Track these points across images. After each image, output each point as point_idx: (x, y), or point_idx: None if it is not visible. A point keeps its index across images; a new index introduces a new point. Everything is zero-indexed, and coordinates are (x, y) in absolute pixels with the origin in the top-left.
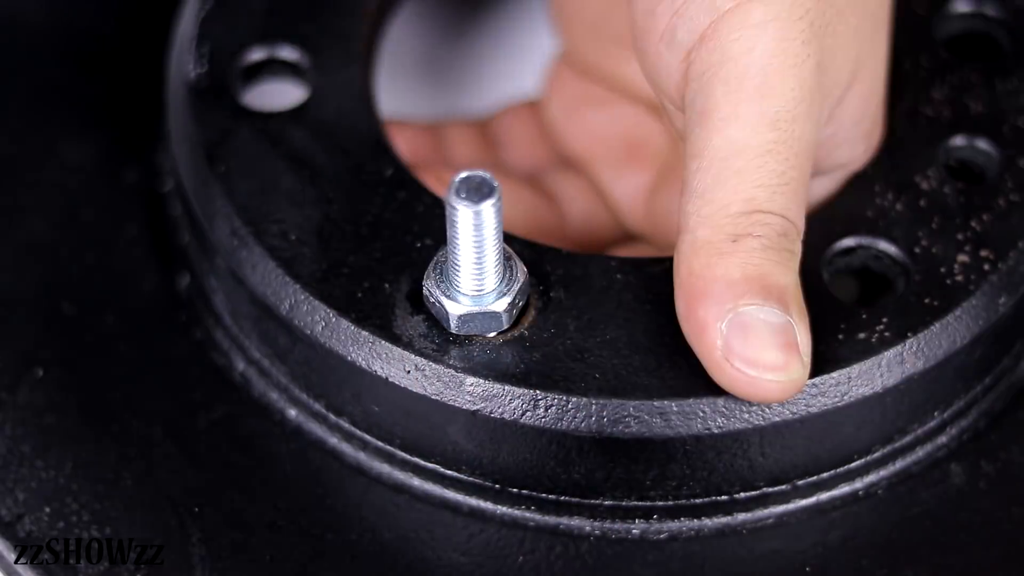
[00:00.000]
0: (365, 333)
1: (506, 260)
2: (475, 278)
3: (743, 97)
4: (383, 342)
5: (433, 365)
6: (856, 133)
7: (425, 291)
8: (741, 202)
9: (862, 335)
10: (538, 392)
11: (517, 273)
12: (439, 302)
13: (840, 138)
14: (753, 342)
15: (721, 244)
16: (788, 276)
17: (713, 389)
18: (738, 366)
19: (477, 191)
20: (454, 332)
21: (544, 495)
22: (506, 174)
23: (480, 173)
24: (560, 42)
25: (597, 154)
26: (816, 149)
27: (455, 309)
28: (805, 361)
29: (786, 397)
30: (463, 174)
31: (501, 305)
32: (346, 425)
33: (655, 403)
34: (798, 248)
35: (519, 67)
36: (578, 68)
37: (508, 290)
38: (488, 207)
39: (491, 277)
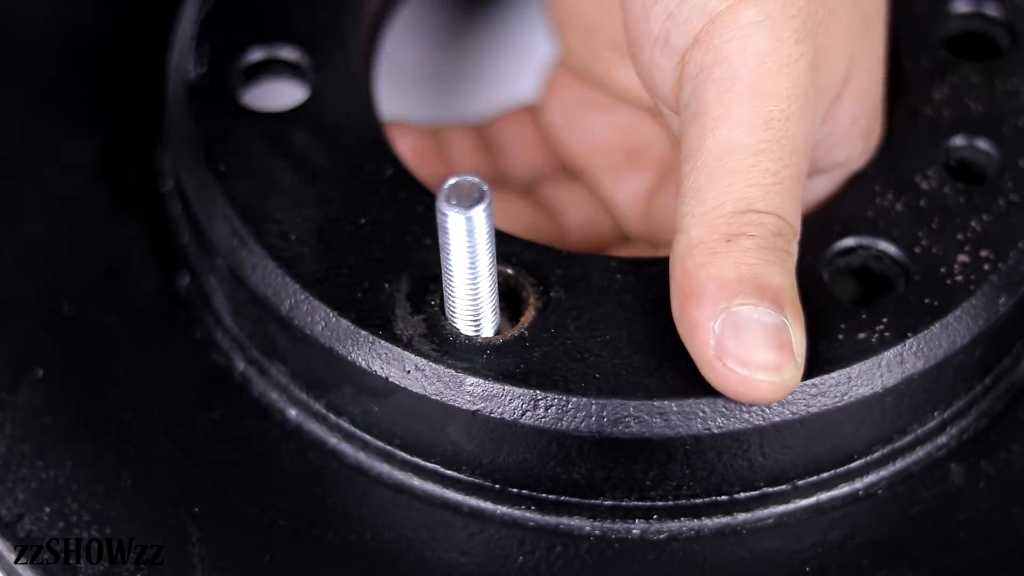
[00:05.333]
0: (365, 333)
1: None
2: (470, 293)
3: (736, 97)
4: (383, 342)
5: (433, 365)
6: (854, 131)
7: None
8: (734, 201)
9: (862, 335)
10: (538, 392)
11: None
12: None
13: (838, 136)
14: (746, 342)
15: (715, 244)
16: (783, 276)
17: (713, 389)
18: (730, 366)
19: (467, 197)
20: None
21: (544, 495)
22: (505, 183)
23: (469, 178)
24: (558, 47)
25: (596, 159)
26: (812, 148)
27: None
28: (799, 362)
29: (779, 398)
30: (452, 180)
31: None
32: (346, 425)
33: (655, 403)
34: (794, 248)
35: (518, 71)
36: (576, 73)
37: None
38: (479, 212)
39: (485, 283)
